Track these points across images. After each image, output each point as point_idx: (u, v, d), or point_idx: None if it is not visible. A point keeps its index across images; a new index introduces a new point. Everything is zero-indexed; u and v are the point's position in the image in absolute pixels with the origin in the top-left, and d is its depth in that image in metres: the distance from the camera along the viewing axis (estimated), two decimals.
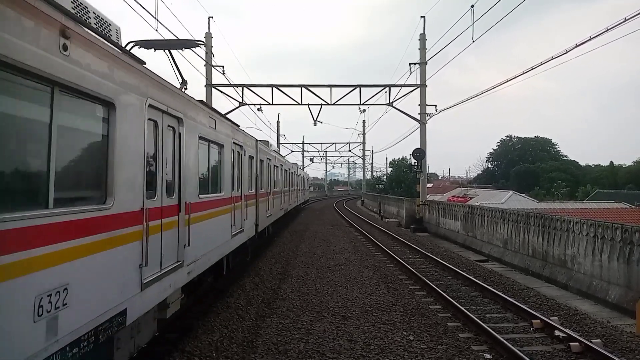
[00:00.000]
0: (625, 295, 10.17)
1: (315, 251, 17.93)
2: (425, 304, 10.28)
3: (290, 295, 10.79)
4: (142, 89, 5.68)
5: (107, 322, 4.61)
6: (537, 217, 14.80)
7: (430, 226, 27.38)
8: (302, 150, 72.51)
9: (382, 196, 46.18)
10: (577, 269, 12.26)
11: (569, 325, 8.75)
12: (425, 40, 28.13)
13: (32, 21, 3.57)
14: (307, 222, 31.70)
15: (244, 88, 27.93)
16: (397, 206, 38.61)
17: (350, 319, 9.05)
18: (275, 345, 7.55)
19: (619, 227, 10.76)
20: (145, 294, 5.57)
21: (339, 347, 7.52)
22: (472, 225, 20.72)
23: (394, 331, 8.32)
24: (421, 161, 28.28)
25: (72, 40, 4.04)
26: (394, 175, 65.46)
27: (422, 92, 27.94)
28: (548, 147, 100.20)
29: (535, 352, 7.40)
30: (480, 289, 11.52)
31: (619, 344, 7.78)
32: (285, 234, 23.87)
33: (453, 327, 8.67)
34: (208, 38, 26.91)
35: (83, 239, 4.22)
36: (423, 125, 28.24)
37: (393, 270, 14.40)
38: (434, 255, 16.69)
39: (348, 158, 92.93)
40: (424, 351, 7.36)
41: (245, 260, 13.76)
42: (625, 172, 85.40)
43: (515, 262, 15.65)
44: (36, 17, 3.60)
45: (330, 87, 27.94)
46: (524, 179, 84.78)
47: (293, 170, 31.81)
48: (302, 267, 14.40)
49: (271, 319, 8.93)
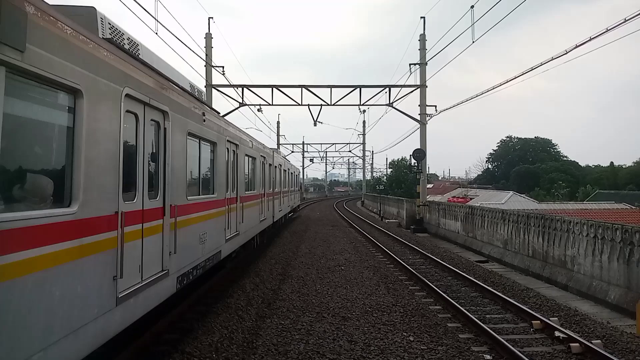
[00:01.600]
0: (625, 296, 10.17)
1: (316, 252, 17.93)
2: (425, 304, 10.28)
3: (290, 296, 10.79)
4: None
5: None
6: (537, 218, 14.80)
7: (430, 227, 27.37)
8: (302, 150, 72.59)
9: (382, 197, 46.18)
10: (577, 270, 12.25)
11: (569, 326, 8.74)
12: (425, 40, 28.13)
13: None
14: (307, 223, 31.69)
15: (244, 88, 27.94)
16: (397, 207, 38.60)
17: (350, 319, 9.05)
18: (275, 346, 7.55)
19: (619, 227, 10.75)
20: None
21: (339, 348, 7.51)
22: (472, 225, 20.71)
23: (394, 332, 8.32)
24: (421, 162, 28.27)
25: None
26: (394, 175, 65.38)
27: (422, 93, 27.93)
28: (548, 148, 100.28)
29: (535, 352, 7.39)
30: (480, 289, 11.52)
31: (619, 345, 7.78)
32: (285, 234, 23.86)
33: (453, 327, 8.67)
34: (208, 38, 26.94)
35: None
36: (423, 126, 28.24)
37: (393, 270, 14.40)
38: (434, 255, 16.68)
39: (348, 159, 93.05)
40: (424, 352, 7.36)
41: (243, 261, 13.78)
42: (625, 172, 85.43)
43: (516, 263, 15.65)
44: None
45: (330, 87, 27.93)
46: (524, 180, 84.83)
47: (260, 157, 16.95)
48: (302, 268, 14.40)
49: (271, 320, 8.92)
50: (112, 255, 4.83)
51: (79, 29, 4.35)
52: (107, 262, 4.73)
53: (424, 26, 28.32)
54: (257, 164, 14.89)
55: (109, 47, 4.97)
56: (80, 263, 4.21)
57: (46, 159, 4.19)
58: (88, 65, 4.39)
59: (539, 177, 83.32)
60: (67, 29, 4.10)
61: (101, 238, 4.61)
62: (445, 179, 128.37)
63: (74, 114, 4.25)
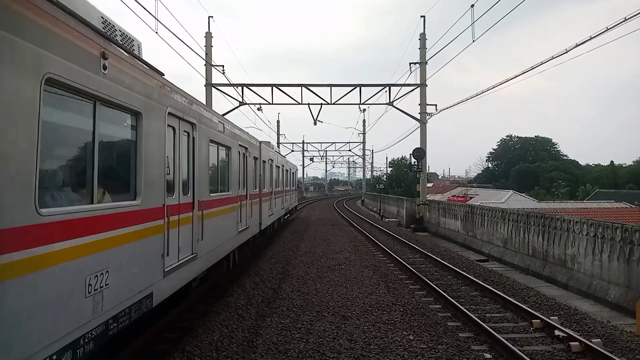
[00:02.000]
0: (625, 295, 10.17)
1: (316, 251, 17.94)
2: (425, 303, 10.29)
3: (290, 295, 10.80)
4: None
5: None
6: (537, 217, 14.80)
7: (430, 226, 27.38)
8: (302, 149, 72.60)
9: (382, 196, 46.20)
10: (577, 269, 12.26)
11: (569, 324, 8.75)
12: (425, 39, 28.13)
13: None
14: (307, 222, 31.70)
15: (244, 88, 27.94)
16: (397, 206, 38.61)
17: (350, 318, 9.05)
18: (276, 345, 7.55)
19: (619, 226, 10.75)
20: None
21: (339, 346, 7.52)
22: (472, 224, 20.71)
23: (394, 331, 8.32)
24: (421, 161, 28.27)
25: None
26: (394, 174, 65.44)
27: (422, 92, 27.94)
28: (548, 147, 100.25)
29: (535, 351, 7.40)
30: (480, 288, 11.52)
31: (619, 344, 7.78)
32: (285, 233, 23.87)
33: (453, 326, 8.67)
34: (208, 38, 26.92)
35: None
36: (423, 125, 28.24)
37: (393, 269, 14.41)
38: (434, 254, 16.69)
39: (348, 158, 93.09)
40: (424, 351, 7.36)
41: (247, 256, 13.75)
42: (625, 171, 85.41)
43: (516, 262, 15.66)
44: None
45: (330, 86, 27.95)
46: (524, 179, 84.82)
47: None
48: (302, 267, 14.40)
49: (271, 319, 8.92)
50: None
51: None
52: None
53: (424, 25, 28.38)
54: (232, 156, 11.22)
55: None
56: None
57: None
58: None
59: (539, 176, 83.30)
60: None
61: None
62: (445, 178, 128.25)
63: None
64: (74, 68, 4.10)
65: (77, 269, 4.14)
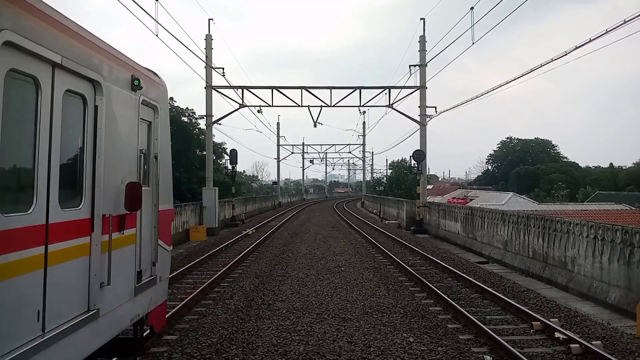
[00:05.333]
0: (625, 297, 10.16)
1: (315, 253, 17.92)
2: (425, 305, 10.27)
3: (290, 297, 10.78)
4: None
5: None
6: (538, 219, 14.79)
7: (430, 228, 27.36)
8: (302, 152, 72.63)
9: (382, 198, 46.19)
10: (578, 271, 12.25)
11: (569, 327, 8.74)
12: (425, 42, 28.14)
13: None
14: (307, 224, 31.69)
15: (244, 90, 27.97)
16: (397, 208, 38.59)
17: (350, 320, 9.04)
18: (275, 347, 7.54)
19: (619, 228, 10.75)
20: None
21: (339, 349, 7.50)
22: (472, 226, 20.70)
23: (394, 333, 8.31)
24: (421, 163, 28.25)
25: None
26: (394, 176, 65.50)
27: (422, 94, 27.95)
28: (548, 149, 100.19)
29: (535, 353, 7.39)
30: (480, 290, 11.51)
31: (619, 346, 7.77)
32: (285, 235, 23.86)
33: (453, 328, 8.66)
34: (208, 40, 26.98)
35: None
36: (423, 127, 28.25)
37: (393, 271, 14.40)
38: (434, 256, 16.68)
39: (348, 160, 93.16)
40: (424, 353, 7.35)
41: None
42: (625, 173, 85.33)
43: (516, 264, 15.64)
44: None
45: (330, 88, 27.96)
46: (524, 181, 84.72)
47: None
48: (302, 269, 14.39)
49: (271, 321, 8.91)
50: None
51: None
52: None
53: (424, 28, 28.34)
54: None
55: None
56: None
57: None
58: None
59: (538, 178, 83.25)
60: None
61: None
62: (445, 180, 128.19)
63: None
64: None
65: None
